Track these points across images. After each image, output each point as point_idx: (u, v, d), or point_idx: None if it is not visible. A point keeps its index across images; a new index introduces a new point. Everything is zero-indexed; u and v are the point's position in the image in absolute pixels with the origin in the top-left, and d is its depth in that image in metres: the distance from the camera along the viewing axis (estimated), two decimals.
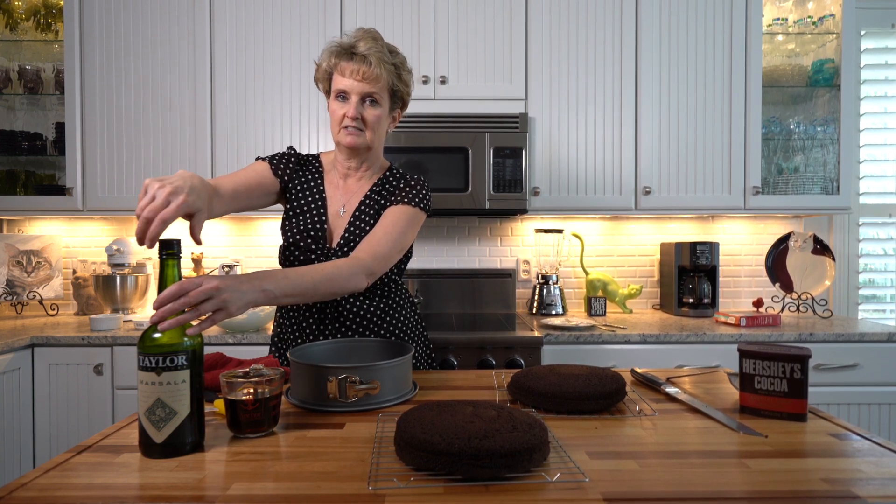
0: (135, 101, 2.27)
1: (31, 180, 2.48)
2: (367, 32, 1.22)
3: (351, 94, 1.21)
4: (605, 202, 2.29)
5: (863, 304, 2.64)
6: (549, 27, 2.27)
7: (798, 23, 2.44)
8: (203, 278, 0.82)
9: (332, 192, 1.31)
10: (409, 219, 1.24)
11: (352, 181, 1.32)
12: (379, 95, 1.22)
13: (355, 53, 1.20)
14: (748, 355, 0.92)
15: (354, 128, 1.22)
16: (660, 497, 0.63)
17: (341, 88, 1.21)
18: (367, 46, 1.19)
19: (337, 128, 1.24)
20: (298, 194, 1.30)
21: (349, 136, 1.23)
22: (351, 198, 1.30)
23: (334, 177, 1.33)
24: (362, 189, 1.31)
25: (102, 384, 1.96)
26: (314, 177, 1.32)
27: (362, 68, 1.19)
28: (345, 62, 1.20)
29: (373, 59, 1.19)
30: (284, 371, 0.91)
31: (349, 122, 1.21)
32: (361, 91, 1.20)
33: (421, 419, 0.73)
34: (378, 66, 1.19)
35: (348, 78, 1.20)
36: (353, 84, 1.20)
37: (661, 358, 1.97)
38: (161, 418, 0.75)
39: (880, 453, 0.76)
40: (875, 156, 2.62)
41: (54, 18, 2.43)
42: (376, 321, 1.29)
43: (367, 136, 1.24)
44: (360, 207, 1.27)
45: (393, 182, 1.32)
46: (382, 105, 1.24)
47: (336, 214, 1.29)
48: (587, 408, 0.93)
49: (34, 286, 2.45)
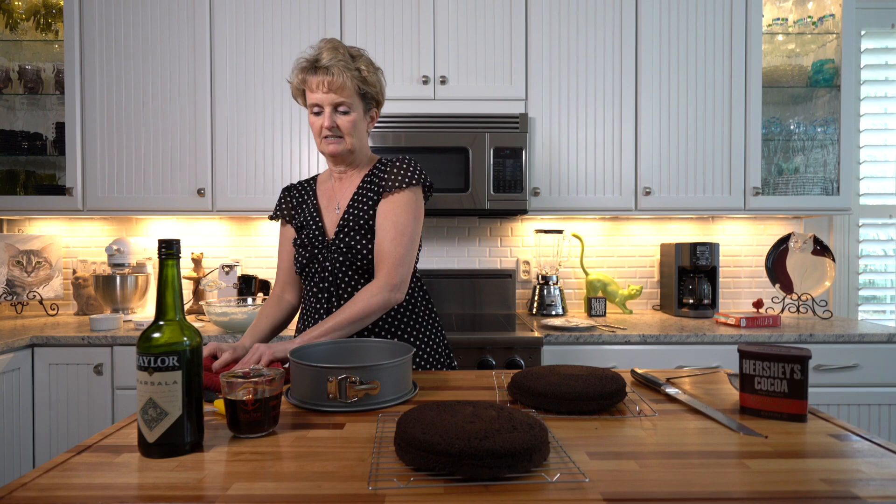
0: (135, 101, 2.27)
1: (31, 180, 2.48)
2: (328, 43, 1.27)
3: (323, 106, 1.27)
4: (605, 203, 2.29)
5: (863, 304, 2.64)
6: (549, 27, 2.27)
7: (798, 23, 2.45)
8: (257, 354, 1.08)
9: (324, 197, 1.40)
10: (406, 207, 1.29)
11: (344, 180, 1.39)
12: (349, 103, 1.27)
13: (319, 66, 1.25)
14: (748, 356, 0.92)
15: (333, 136, 1.29)
16: (660, 497, 0.63)
17: (313, 102, 1.28)
18: (329, 58, 1.24)
19: (318, 139, 1.31)
20: (301, 211, 1.41)
21: (330, 144, 1.30)
22: (343, 195, 1.37)
23: (329, 184, 1.41)
24: (354, 183, 1.38)
25: (102, 384, 1.96)
26: (309, 195, 1.43)
27: (326, 79, 1.24)
28: (311, 76, 1.26)
29: (335, 70, 1.24)
30: (284, 371, 0.91)
31: (326, 132, 1.28)
32: (331, 101, 1.26)
33: (421, 419, 0.73)
34: (340, 75, 1.24)
35: (317, 91, 1.26)
36: (322, 96, 1.26)
37: (661, 358, 1.97)
38: (153, 418, 0.75)
39: (880, 454, 0.76)
40: (875, 156, 2.63)
41: (54, 18, 2.43)
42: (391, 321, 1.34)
43: (347, 142, 1.30)
44: (352, 200, 1.34)
45: (382, 169, 1.36)
46: (354, 110, 1.29)
47: (332, 212, 1.36)
48: (587, 408, 0.93)
49: (34, 286, 2.45)
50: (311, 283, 1.35)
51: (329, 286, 1.31)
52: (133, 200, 2.27)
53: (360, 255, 1.29)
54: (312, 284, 1.34)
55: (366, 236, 1.30)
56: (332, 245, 1.31)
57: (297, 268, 1.36)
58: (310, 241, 1.33)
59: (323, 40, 1.28)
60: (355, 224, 1.30)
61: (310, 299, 1.36)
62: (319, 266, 1.33)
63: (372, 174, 1.36)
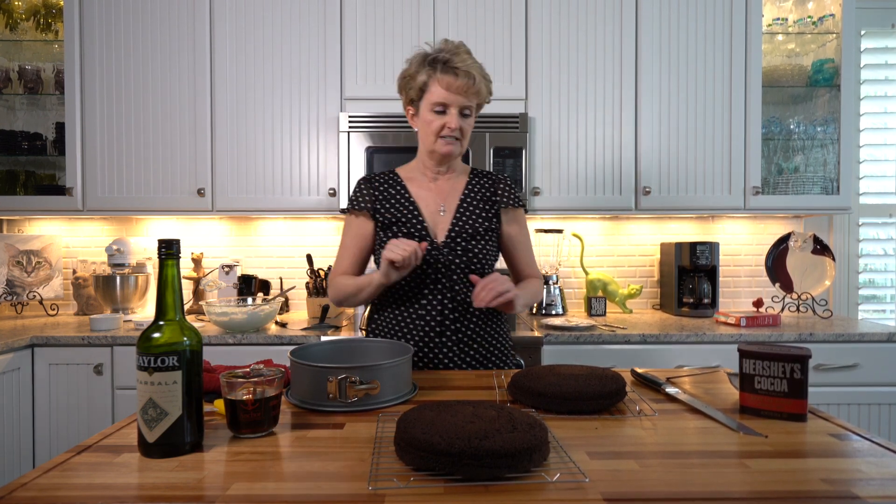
0: (135, 101, 2.27)
1: (31, 180, 2.48)
2: (461, 46, 1.29)
3: (451, 107, 1.28)
4: (605, 202, 2.29)
5: (863, 304, 2.64)
6: (549, 27, 2.27)
7: (798, 23, 2.44)
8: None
9: (423, 196, 1.39)
10: (525, 223, 1.47)
11: (442, 182, 1.40)
12: (473, 107, 1.32)
13: (457, 68, 1.26)
14: (748, 355, 0.92)
15: (453, 138, 1.31)
16: (660, 497, 0.63)
17: (441, 101, 1.28)
18: (471, 62, 1.27)
19: (433, 137, 1.32)
20: (388, 207, 1.37)
21: (448, 145, 1.31)
22: (447, 197, 1.39)
23: (422, 182, 1.41)
24: (456, 188, 1.40)
25: (102, 384, 1.96)
26: (398, 190, 1.39)
27: (467, 83, 1.26)
28: (450, 77, 1.26)
29: (476, 76, 1.26)
30: (284, 371, 0.91)
31: (448, 132, 1.30)
32: (462, 104, 1.28)
33: (421, 419, 0.73)
34: (480, 83, 1.28)
35: (451, 92, 1.27)
36: (455, 98, 1.27)
37: (661, 358, 1.97)
38: (153, 418, 0.75)
39: (880, 453, 0.76)
40: (875, 156, 2.62)
41: (54, 18, 2.43)
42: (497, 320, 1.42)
43: (462, 145, 1.34)
44: (461, 205, 1.38)
45: (490, 180, 1.43)
46: (473, 115, 1.34)
47: (435, 213, 1.37)
48: (587, 408, 0.93)
49: (34, 286, 2.45)
50: (408, 280, 1.34)
51: (443, 287, 1.32)
52: (133, 200, 2.27)
53: (476, 258, 1.34)
54: (410, 280, 1.33)
55: (480, 242, 1.35)
56: (444, 247, 1.33)
57: None
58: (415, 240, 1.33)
59: (448, 42, 1.29)
60: (470, 229, 1.35)
61: (404, 295, 1.35)
62: (429, 267, 1.33)
63: (477, 183, 1.41)
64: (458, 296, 1.33)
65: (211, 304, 1.99)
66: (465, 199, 1.38)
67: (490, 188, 1.42)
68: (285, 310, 2.54)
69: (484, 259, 1.35)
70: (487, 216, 1.38)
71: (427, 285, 1.32)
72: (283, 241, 2.60)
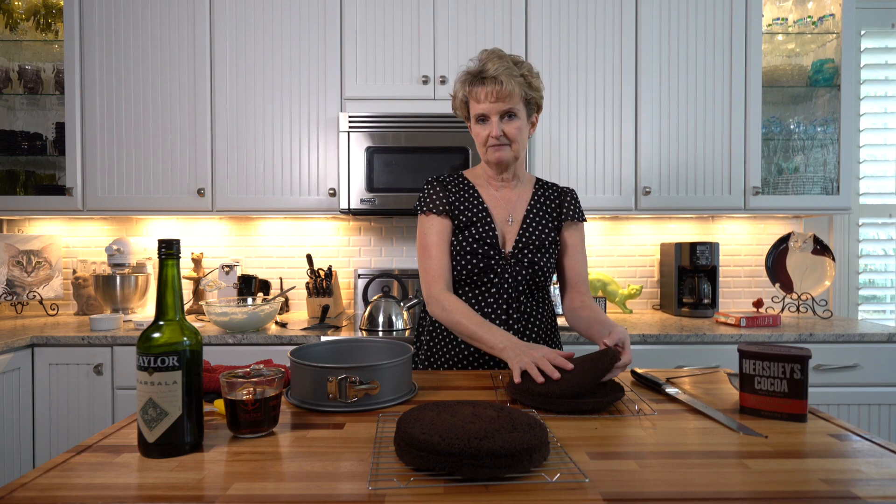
0: (135, 100, 2.27)
1: (31, 180, 2.48)
2: (492, 53, 1.28)
3: (490, 116, 1.29)
4: (605, 202, 2.29)
5: (863, 304, 2.63)
6: (548, 27, 2.27)
7: (798, 23, 2.44)
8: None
9: (492, 203, 1.39)
10: (584, 238, 1.45)
11: (507, 191, 1.41)
12: (515, 109, 1.28)
13: (485, 76, 1.26)
14: (748, 356, 0.92)
15: (499, 144, 1.31)
16: (660, 497, 0.63)
17: (480, 113, 1.29)
18: (496, 67, 1.25)
19: (483, 148, 1.33)
20: (463, 209, 1.37)
21: (497, 152, 1.31)
22: (514, 207, 1.39)
23: (489, 190, 1.41)
24: (521, 199, 1.41)
25: (102, 384, 1.96)
26: (470, 193, 1.40)
27: (495, 89, 1.25)
28: (478, 87, 1.27)
29: (503, 78, 1.25)
30: (284, 371, 0.91)
31: (493, 140, 1.30)
32: (498, 110, 1.28)
33: (421, 419, 0.73)
34: (508, 83, 1.25)
35: (484, 102, 1.27)
36: (489, 106, 1.27)
37: (661, 358, 1.97)
38: (153, 418, 0.75)
39: (880, 454, 0.76)
40: (875, 156, 2.62)
41: (54, 18, 2.43)
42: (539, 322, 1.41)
43: (513, 148, 1.32)
44: (527, 217, 1.38)
45: (554, 192, 1.43)
46: (520, 116, 1.30)
47: (504, 223, 1.38)
48: (587, 408, 0.93)
49: (34, 286, 2.45)
50: (472, 289, 1.34)
51: (508, 298, 1.32)
52: (133, 200, 2.27)
53: (540, 271, 1.34)
54: (477, 292, 1.33)
55: (545, 255, 1.35)
56: (506, 259, 1.33)
57: (466, 275, 1.33)
58: (484, 251, 1.32)
59: (484, 51, 1.29)
60: (536, 240, 1.35)
61: (467, 303, 1.32)
62: (496, 277, 1.32)
63: (542, 195, 1.42)
64: (522, 307, 1.33)
65: (211, 304, 1.99)
66: (532, 210, 1.39)
67: (556, 200, 1.42)
68: (285, 310, 2.54)
69: (547, 272, 1.36)
70: (551, 228, 1.39)
71: (493, 294, 1.33)
72: (283, 241, 2.60)
